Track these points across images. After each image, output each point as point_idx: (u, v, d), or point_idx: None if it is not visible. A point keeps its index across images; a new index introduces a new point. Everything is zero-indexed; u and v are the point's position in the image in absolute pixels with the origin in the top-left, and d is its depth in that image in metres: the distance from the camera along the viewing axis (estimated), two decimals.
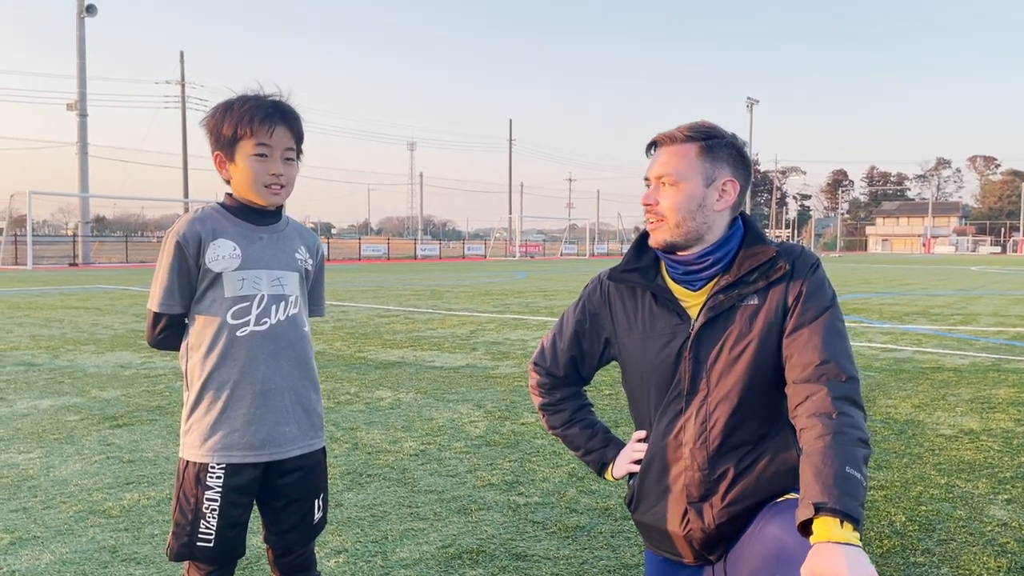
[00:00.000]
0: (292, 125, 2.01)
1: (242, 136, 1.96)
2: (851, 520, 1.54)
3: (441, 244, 62.06)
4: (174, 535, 2.02)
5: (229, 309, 1.98)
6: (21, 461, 4.40)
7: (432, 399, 6.14)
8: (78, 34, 38.23)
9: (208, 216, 2.02)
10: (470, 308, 14.15)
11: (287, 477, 2.06)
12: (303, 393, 2.08)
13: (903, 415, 5.68)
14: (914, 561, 3.13)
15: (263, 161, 1.97)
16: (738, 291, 1.87)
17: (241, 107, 1.97)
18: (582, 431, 2.16)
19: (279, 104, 2.01)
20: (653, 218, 1.92)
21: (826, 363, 1.77)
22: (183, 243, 1.97)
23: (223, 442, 1.98)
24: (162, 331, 2.05)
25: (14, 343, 9.12)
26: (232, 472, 1.99)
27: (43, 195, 39.06)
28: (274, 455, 2.02)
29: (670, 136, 1.93)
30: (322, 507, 2.17)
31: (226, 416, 1.98)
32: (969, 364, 8.01)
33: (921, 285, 22.65)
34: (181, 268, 1.98)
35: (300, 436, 2.07)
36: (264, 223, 2.06)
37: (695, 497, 1.89)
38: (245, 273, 1.99)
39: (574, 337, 2.12)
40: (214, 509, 1.98)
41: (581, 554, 3.19)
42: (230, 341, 1.98)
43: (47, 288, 19.07)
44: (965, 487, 4.06)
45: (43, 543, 3.24)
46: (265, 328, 2.00)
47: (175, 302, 2.01)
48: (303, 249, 2.12)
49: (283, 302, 2.03)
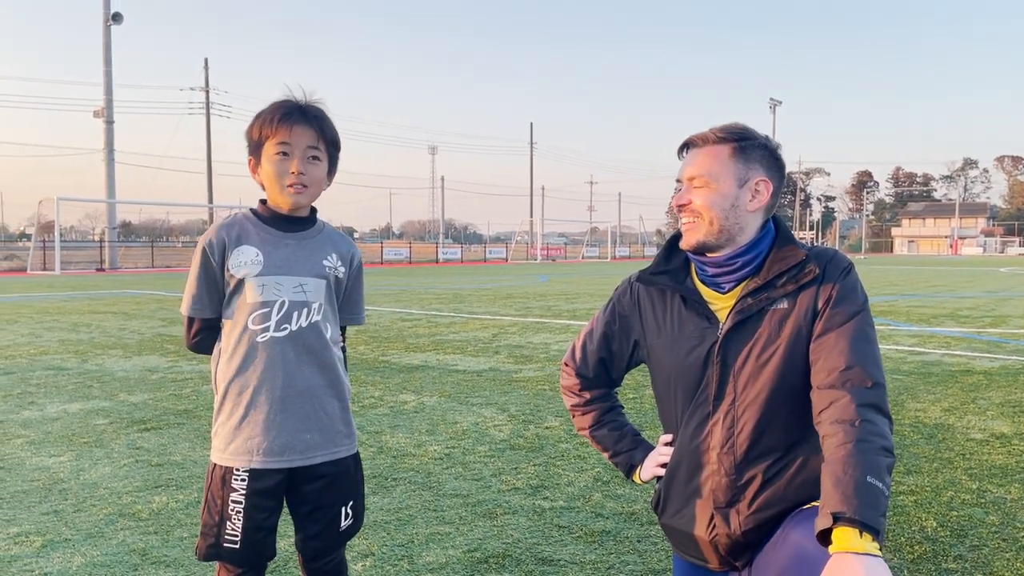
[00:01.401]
0: (314, 124, 2.02)
1: (266, 137, 2.00)
2: (871, 531, 1.52)
3: (463, 247, 62.18)
4: (202, 535, 2.06)
5: (250, 314, 2.00)
6: (52, 464, 4.46)
7: (456, 403, 6.15)
8: (104, 42, 38.76)
9: (236, 222, 2.06)
10: (492, 312, 14.17)
11: (313, 484, 2.07)
12: (325, 400, 2.07)
13: (932, 419, 5.61)
14: (946, 567, 3.09)
15: (284, 160, 1.99)
16: (767, 294, 1.85)
17: (267, 110, 2.02)
18: (611, 432, 2.16)
19: (301, 104, 2.03)
20: (688, 217, 1.91)
21: (851, 368, 1.74)
22: (208, 249, 2.02)
23: (245, 446, 2.01)
24: (196, 334, 2.09)
25: (43, 347, 9.25)
26: (255, 476, 2.00)
27: (71, 201, 39.62)
28: (294, 462, 2.03)
29: (702, 137, 1.92)
30: (351, 515, 2.14)
31: (247, 421, 2.01)
32: (999, 367, 7.90)
33: (949, 287, 22.36)
34: (208, 273, 2.02)
35: (323, 443, 2.06)
36: (292, 229, 2.06)
37: (721, 502, 1.88)
38: (266, 279, 2.00)
39: (603, 339, 2.11)
40: (239, 511, 2.00)
41: (607, 559, 3.17)
42: (251, 346, 2.00)
43: (75, 293, 19.33)
44: (997, 492, 4.00)
45: (74, 546, 3.28)
46: (285, 334, 2.00)
47: (204, 306, 2.04)
48: (334, 256, 2.11)
49: (305, 308, 2.02)
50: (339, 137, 2.11)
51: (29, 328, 11.31)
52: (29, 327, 11.44)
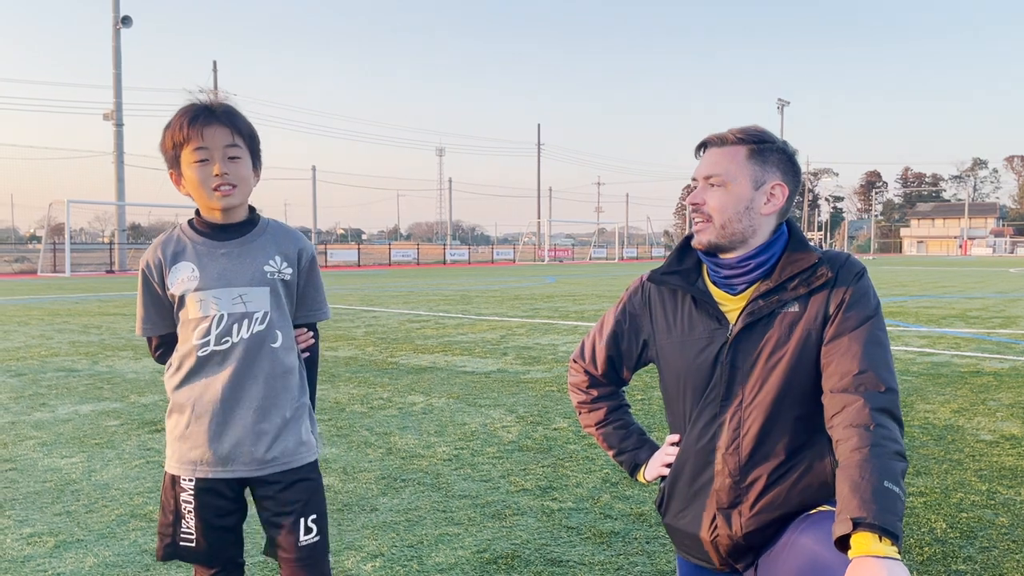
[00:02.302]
0: (226, 121, 1.95)
1: (180, 145, 1.94)
2: (890, 535, 1.52)
3: (470, 249, 62.22)
4: (159, 537, 2.08)
5: (193, 329, 1.99)
6: (64, 465, 4.49)
7: (464, 404, 6.16)
8: (113, 45, 38.95)
9: (172, 239, 2.03)
10: (500, 313, 14.18)
11: (265, 489, 2.04)
12: (270, 411, 2.01)
13: (942, 420, 5.59)
14: (956, 569, 3.08)
15: (205, 165, 1.93)
16: (778, 297, 1.85)
17: (174, 118, 1.96)
18: (616, 431, 2.16)
19: (208, 104, 1.96)
20: (700, 218, 1.91)
21: (864, 373, 1.75)
22: (147, 271, 2.03)
23: (188, 456, 2.02)
24: (158, 349, 2.11)
25: (54, 349, 9.31)
26: (201, 484, 2.02)
27: (81, 204, 39.82)
28: (237, 472, 2.01)
29: (720, 137, 1.92)
30: (314, 529, 2.05)
31: (190, 432, 2.01)
32: (1009, 368, 7.86)
33: (958, 287, 22.27)
34: (151, 293, 2.04)
35: (267, 453, 2.01)
36: (228, 237, 2.01)
37: (724, 503, 1.88)
38: (203, 294, 1.98)
39: (613, 337, 2.12)
40: (190, 511, 2.02)
41: (616, 560, 3.18)
42: (194, 360, 2.00)
43: (85, 295, 19.44)
44: (1007, 493, 3.99)
45: (86, 546, 3.31)
46: (226, 347, 1.98)
47: (155, 324, 2.06)
48: (277, 259, 2.04)
49: (246, 319, 1.98)
50: (255, 129, 2.04)
51: (40, 330, 11.37)
52: (40, 329, 11.51)
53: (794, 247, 1.92)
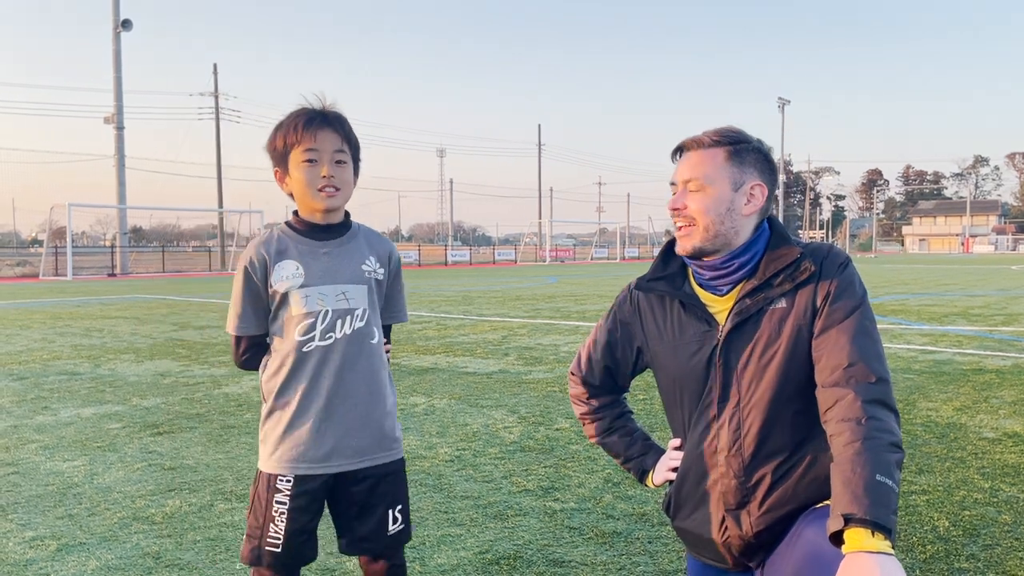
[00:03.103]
0: (337, 128, 2.06)
1: (291, 146, 2.03)
2: (882, 530, 1.52)
3: (471, 249, 62.24)
4: (247, 538, 2.11)
5: (296, 326, 2.05)
6: (66, 469, 4.49)
7: (466, 405, 6.16)
8: (114, 48, 38.97)
9: (273, 238, 2.11)
10: (501, 313, 14.18)
11: (359, 485, 2.11)
12: (370, 406, 2.10)
13: (944, 418, 5.58)
14: (958, 567, 3.08)
15: (313, 166, 2.03)
16: (764, 294, 1.85)
17: (288, 120, 2.05)
18: (621, 439, 2.16)
19: (322, 110, 2.07)
20: (682, 222, 1.90)
21: (854, 365, 1.74)
22: (250, 268, 2.07)
23: (290, 454, 2.06)
24: (245, 352, 2.14)
25: (56, 353, 9.32)
26: (300, 482, 2.06)
27: (82, 207, 39.87)
28: (340, 467, 2.08)
29: (697, 141, 1.91)
30: (400, 519, 2.17)
31: (293, 429, 2.06)
32: (1012, 366, 7.85)
33: (960, 285, 22.24)
34: (251, 292, 2.08)
35: (368, 449, 2.10)
36: (328, 238, 2.10)
37: (732, 504, 1.88)
38: (309, 290, 2.04)
39: (607, 347, 2.11)
40: (283, 514, 2.05)
41: (618, 560, 3.18)
42: (297, 357, 2.05)
43: (87, 298, 19.45)
44: (1010, 491, 3.98)
45: (89, 549, 3.31)
46: (330, 343, 2.05)
47: (250, 324, 2.10)
48: (372, 259, 2.15)
49: (349, 316, 2.07)
50: (358, 139, 2.16)
51: (42, 333, 11.39)
52: (42, 332, 11.52)
53: (776, 243, 1.91)
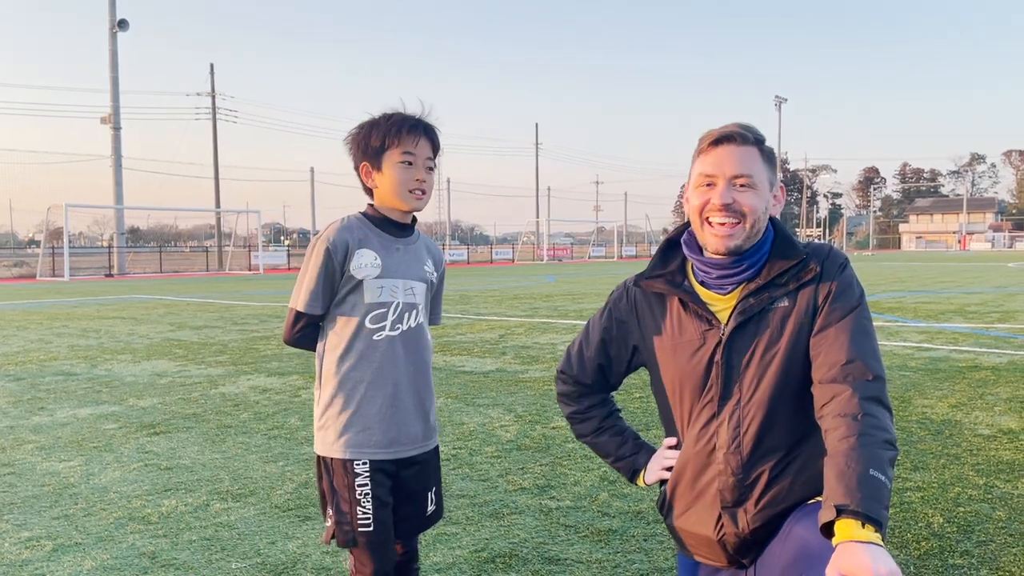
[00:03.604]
0: (433, 138, 2.19)
1: (390, 146, 2.13)
2: (873, 522, 1.53)
3: (469, 249, 62.20)
4: (337, 524, 2.12)
5: (368, 314, 2.13)
6: (62, 469, 4.49)
7: (462, 403, 6.17)
8: (110, 48, 38.91)
9: (354, 226, 2.18)
10: (499, 312, 14.18)
11: (408, 470, 2.20)
12: (425, 396, 2.23)
13: (940, 415, 5.60)
14: (953, 563, 3.09)
15: (408, 168, 2.13)
16: (768, 293, 1.86)
17: (388, 121, 2.15)
18: (612, 438, 2.15)
19: (422, 119, 2.18)
20: (730, 218, 1.84)
21: (852, 362, 1.76)
22: (332, 250, 2.12)
23: (357, 439, 2.12)
24: (300, 330, 2.19)
25: (53, 353, 9.31)
26: (375, 466, 2.14)
27: (79, 207, 39.80)
28: (400, 453, 2.17)
29: (741, 135, 1.86)
30: (435, 500, 2.30)
31: (360, 414, 2.13)
32: (1007, 363, 7.87)
33: (956, 283, 22.27)
34: (328, 273, 2.13)
35: (422, 436, 2.22)
36: (401, 235, 2.21)
37: (729, 502, 1.88)
38: (384, 281, 2.14)
39: (601, 345, 2.10)
40: (367, 495, 2.11)
41: (614, 558, 3.18)
42: (367, 344, 2.13)
43: (84, 299, 19.43)
44: (1005, 488, 3.99)
45: (84, 549, 3.31)
46: (398, 333, 2.16)
47: (318, 304, 2.15)
48: (431, 262, 2.29)
49: (414, 310, 2.20)
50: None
51: (39, 334, 11.38)
52: (39, 333, 11.51)
53: (781, 243, 1.92)
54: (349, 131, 2.22)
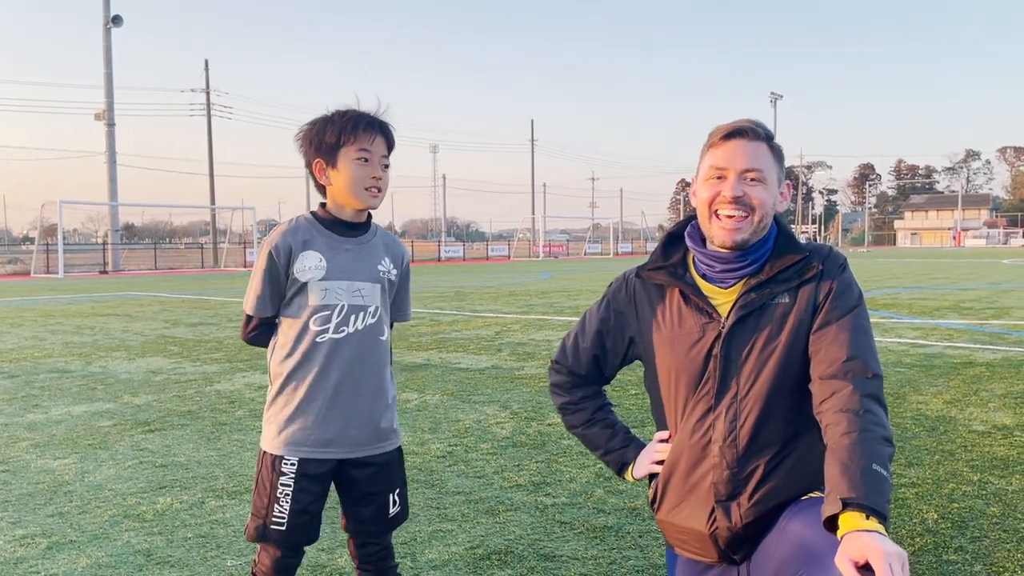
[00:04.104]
0: (388, 135, 2.18)
1: (345, 143, 2.12)
2: (878, 515, 1.56)
3: (465, 245, 62.19)
4: (252, 516, 2.20)
5: (312, 316, 2.13)
6: (56, 467, 4.48)
7: (458, 401, 6.17)
8: (104, 44, 38.78)
9: (300, 227, 2.18)
10: (495, 309, 14.18)
11: (361, 471, 2.20)
12: (374, 400, 2.20)
13: (934, 411, 5.61)
14: (947, 559, 3.10)
15: (364, 165, 2.12)
16: (770, 289, 1.87)
17: (343, 117, 2.14)
18: (603, 430, 2.15)
19: (377, 116, 2.17)
20: (739, 212, 1.85)
21: (852, 360, 1.77)
22: (275, 253, 2.14)
23: (294, 437, 2.15)
24: (253, 330, 2.24)
25: (47, 350, 9.29)
26: (303, 465, 2.14)
27: (73, 204, 39.68)
28: (342, 454, 2.17)
29: (754, 130, 1.88)
30: (399, 502, 2.28)
31: (299, 414, 2.15)
32: (1002, 359, 7.89)
33: (951, 279, 22.33)
34: (272, 276, 2.15)
35: (368, 439, 2.20)
36: (351, 235, 2.19)
37: (723, 495, 1.89)
38: (328, 284, 2.13)
39: (597, 336, 2.10)
40: (287, 495, 2.14)
41: (609, 554, 3.19)
42: (310, 345, 2.14)
43: (78, 296, 19.38)
44: (999, 484, 4.01)
45: (79, 547, 3.30)
46: (342, 336, 2.14)
47: (265, 307, 2.18)
48: (387, 260, 2.25)
49: (362, 312, 2.16)
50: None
51: (33, 331, 11.34)
52: (33, 330, 11.48)
53: (784, 240, 1.94)
54: (301, 127, 2.19)
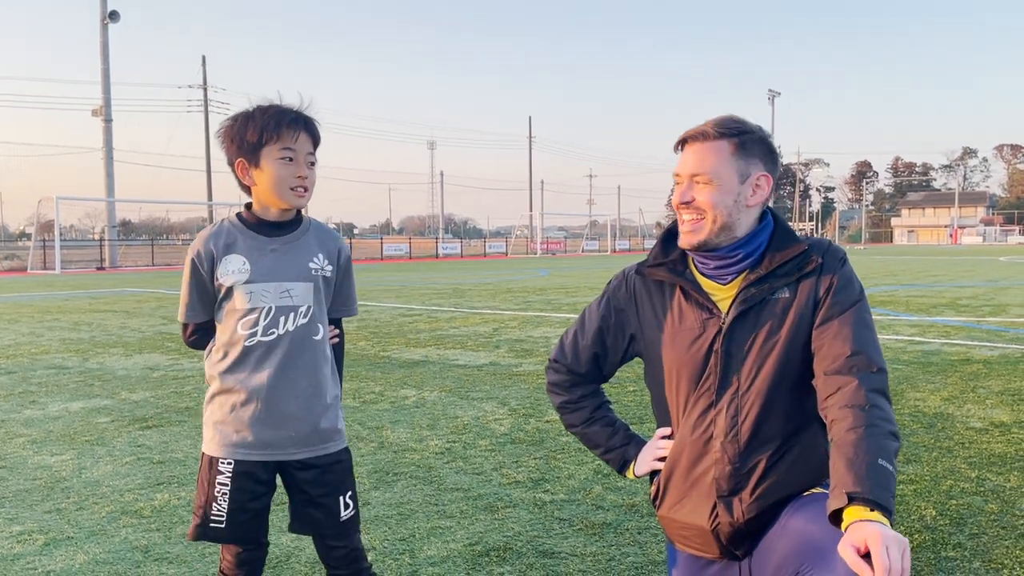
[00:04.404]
0: (313, 131, 2.11)
1: (268, 141, 2.05)
2: (883, 509, 1.56)
3: (462, 242, 62.15)
4: (193, 515, 2.19)
5: (239, 320, 2.10)
6: (54, 463, 4.47)
7: (456, 397, 6.16)
8: (101, 40, 38.70)
9: (223, 231, 2.14)
10: (492, 306, 14.18)
11: (305, 473, 2.16)
12: (311, 400, 2.15)
13: (932, 408, 5.62)
14: (945, 555, 3.10)
15: (288, 164, 2.06)
16: (769, 284, 1.87)
17: (264, 114, 2.07)
18: (603, 428, 2.14)
19: (301, 112, 2.11)
20: (691, 215, 1.89)
21: (857, 354, 1.78)
22: (197, 261, 2.12)
23: (230, 439, 2.13)
24: (192, 335, 2.22)
25: (44, 347, 9.27)
26: (240, 466, 2.12)
27: (70, 200, 39.60)
28: (279, 456, 2.14)
29: (702, 133, 1.89)
30: (352, 504, 2.23)
31: (234, 417, 2.12)
32: (999, 356, 7.90)
33: (948, 276, 22.36)
34: (198, 283, 2.14)
35: (308, 440, 2.15)
36: (277, 234, 2.14)
37: (725, 491, 1.89)
38: (253, 287, 2.09)
39: (597, 333, 2.09)
40: (225, 494, 2.12)
41: (608, 551, 3.19)
42: (240, 349, 2.11)
43: (75, 292, 19.34)
44: (997, 480, 4.01)
45: (77, 543, 3.30)
46: (272, 338, 2.10)
47: (196, 313, 2.17)
48: (320, 256, 2.17)
49: (292, 313, 2.11)
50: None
51: (30, 327, 11.32)
52: (30, 326, 11.45)
53: (781, 235, 1.94)
54: (221, 124, 2.13)
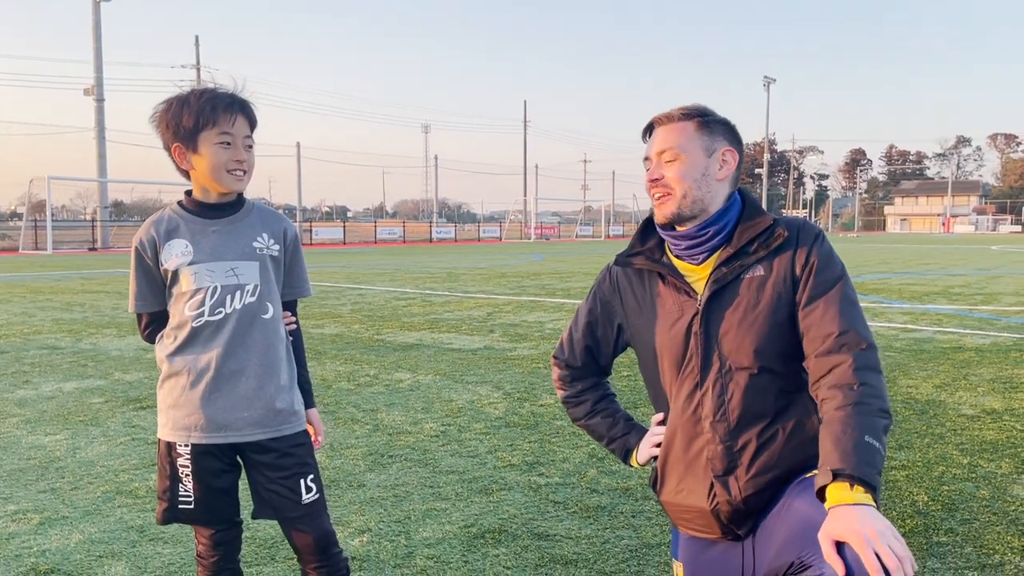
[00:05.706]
0: (249, 114, 2.11)
1: (205, 126, 2.03)
2: (866, 485, 1.58)
3: (456, 227, 62.10)
4: (159, 500, 2.18)
5: (187, 301, 2.08)
6: (48, 443, 4.46)
7: (451, 381, 6.17)
8: (94, 19, 38.36)
9: (164, 218, 2.13)
10: (487, 290, 14.18)
11: (262, 456, 2.13)
12: (263, 380, 2.11)
13: (924, 395, 5.65)
14: (937, 541, 3.13)
15: (227, 148, 2.05)
16: (740, 262, 1.91)
17: (200, 99, 2.05)
18: (604, 420, 2.19)
19: (236, 96, 2.09)
20: (660, 191, 1.96)
21: (845, 333, 1.80)
22: (141, 249, 2.11)
23: (183, 423, 2.11)
24: (147, 326, 2.19)
25: (37, 327, 9.24)
26: (197, 449, 2.11)
27: (62, 180, 39.36)
28: (233, 438, 2.10)
29: (666, 116, 1.99)
30: (315, 488, 2.16)
31: (185, 400, 2.10)
32: (991, 344, 7.95)
33: (941, 265, 22.44)
34: (144, 271, 2.12)
35: (262, 421, 2.11)
36: (218, 215, 2.13)
37: (719, 470, 1.91)
38: (197, 267, 2.07)
39: (588, 327, 2.16)
40: (188, 475, 2.12)
41: (602, 533, 3.20)
42: (188, 331, 2.09)
43: (68, 272, 19.26)
44: (988, 467, 4.04)
45: (72, 523, 3.30)
46: (220, 317, 2.08)
47: (147, 301, 2.14)
48: (265, 236, 2.16)
49: (239, 291, 2.09)
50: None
51: (22, 308, 11.27)
52: (22, 307, 11.41)
53: (749, 212, 1.98)
54: (155, 108, 2.09)
